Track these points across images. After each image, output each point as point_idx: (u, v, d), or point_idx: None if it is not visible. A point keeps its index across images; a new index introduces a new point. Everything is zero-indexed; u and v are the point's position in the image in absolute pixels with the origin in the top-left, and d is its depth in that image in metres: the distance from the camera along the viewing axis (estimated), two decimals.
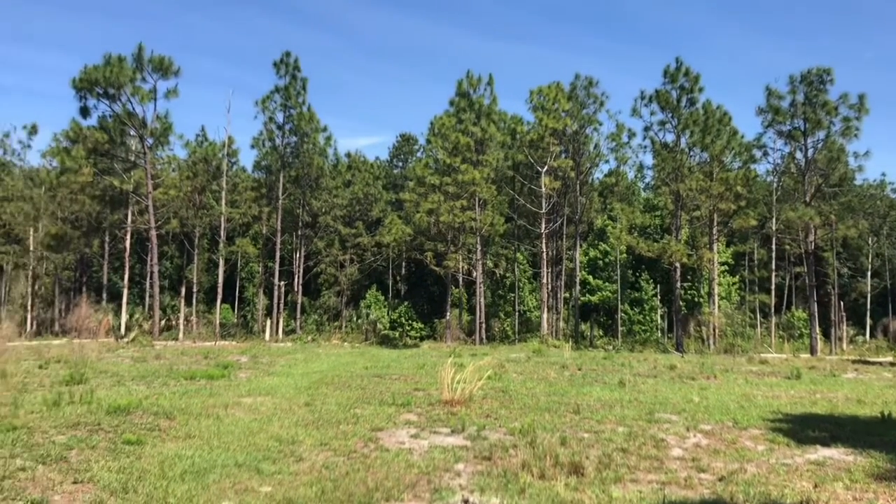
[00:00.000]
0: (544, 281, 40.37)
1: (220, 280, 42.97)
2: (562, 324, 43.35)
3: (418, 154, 63.24)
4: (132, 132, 36.58)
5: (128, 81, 33.39)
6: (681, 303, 38.51)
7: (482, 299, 40.10)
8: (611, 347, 35.83)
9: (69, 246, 43.24)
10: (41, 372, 16.29)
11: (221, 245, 43.63)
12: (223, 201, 43.43)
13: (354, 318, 47.99)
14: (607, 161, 44.61)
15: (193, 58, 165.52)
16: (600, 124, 41.90)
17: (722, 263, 46.02)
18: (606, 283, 45.46)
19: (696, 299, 44.84)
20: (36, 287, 46.35)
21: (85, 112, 34.82)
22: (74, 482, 7.12)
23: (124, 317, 39.02)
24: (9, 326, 33.94)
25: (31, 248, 45.00)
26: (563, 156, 41.42)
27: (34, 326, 43.07)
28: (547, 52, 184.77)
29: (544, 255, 40.29)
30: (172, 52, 55.06)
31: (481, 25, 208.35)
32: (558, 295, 44.57)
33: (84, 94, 33.98)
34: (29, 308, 45.05)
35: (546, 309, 40.11)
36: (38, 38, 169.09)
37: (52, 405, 11.24)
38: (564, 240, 44.31)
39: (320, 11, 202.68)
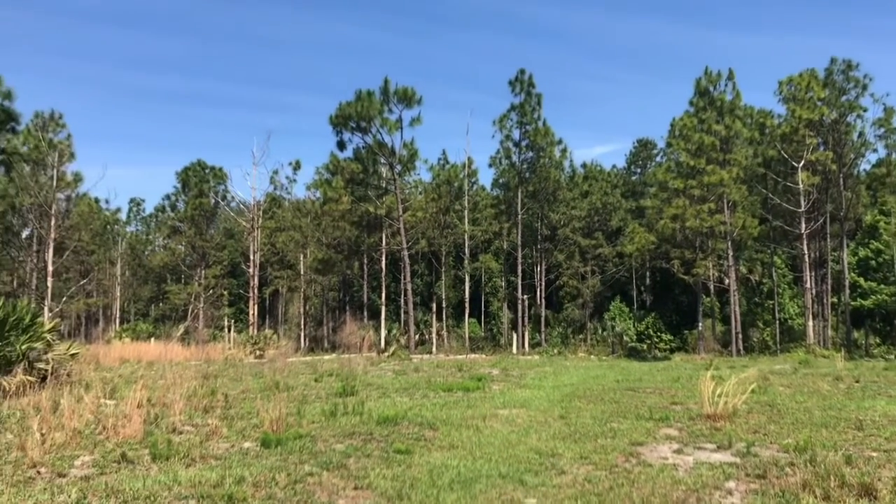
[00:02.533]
0: (807, 285, 37.06)
1: (467, 295, 44.60)
2: (830, 332, 39.49)
3: (657, 159, 61.36)
4: (382, 160, 39.25)
5: (377, 114, 35.86)
6: None
7: (737, 308, 37.71)
8: (892, 356, 31.98)
9: (333, 268, 47.37)
10: (317, 385, 17.83)
11: (466, 262, 45.30)
12: (466, 220, 45.12)
13: (599, 331, 47.37)
14: (875, 150, 39.99)
15: (433, 84, 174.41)
16: (864, 110, 37.72)
17: None
18: (882, 286, 40.67)
19: None
20: (307, 307, 51.26)
21: (341, 145, 37.96)
22: (355, 488, 7.66)
23: (383, 332, 41.77)
24: (287, 344, 37.73)
25: (302, 272, 49.88)
26: (822, 148, 37.93)
27: (307, 343, 47.60)
28: (793, 39, 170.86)
29: (806, 257, 36.98)
30: (413, 81, 58.62)
31: (716, 18, 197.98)
32: (824, 300, 40.67)
33: (340, 130, 37.03)
34: (302, 326, 49.90)
35: (811, 316, 36.78)
36: (297, 82, 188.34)
37: (329, 415, 12.24)
38: (828, 239, 40.41)
39: (551, 23, 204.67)
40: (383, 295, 44.94)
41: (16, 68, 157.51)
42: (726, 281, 38.06)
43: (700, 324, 39.69)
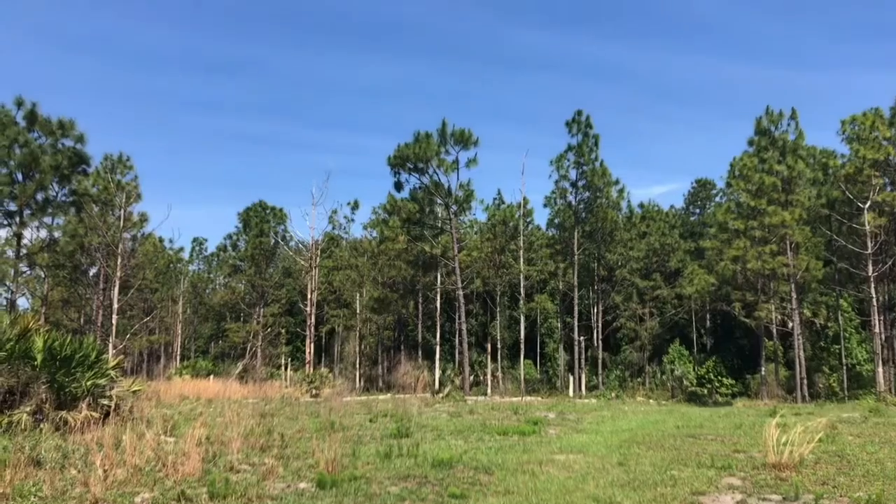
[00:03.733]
0: (876, 330, 35.68)
1: (522, 336, 44.23)
2: None
3: (717, 199, 60.51)
4: (438, 201, 39.55)
5: (434, 155, 36.32)
6: None
7: (801, 352, 36.51)
8: None
9: (389, 308, 47.62)
10: (371, 425, 17.81)
11: (521, 302, 45.04)
12: (521, 260, 44.97)
13: (658, 374, 46.35)
14: None
15: (488, 124, 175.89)
16: None
17: None
18: None
19: None
20: (362, 346, 51.50)
21: (399, 186, 38.53)
22: None
23: (438, 373, 41.64)
24: (342, 383, 37.87)
25: (358, 311, 50.23)
26: (888, 188, 36.86)
27: (362, 382, 47.72)
28: (858, 76, 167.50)
29: (874, 300, 35.67)
30: (469, 120, 59.36)
31: (777, 56, 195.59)
32: (894, 345, 39.07)
33: (398, 170, 37.63)
34: (357, 366, 50.08)
35: (881, 362, 35.33)
36: (356, 123, 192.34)
37: (383, 457, 12.20)
38: None
39: (609, 62, 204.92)
40: (438, 335, 44.91)
41: (88, 113, 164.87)
42: (790, 324, 36.95)
43: (763, 368, 38.54)
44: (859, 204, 35.56)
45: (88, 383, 14.15)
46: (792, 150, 37.12)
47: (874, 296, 35.70)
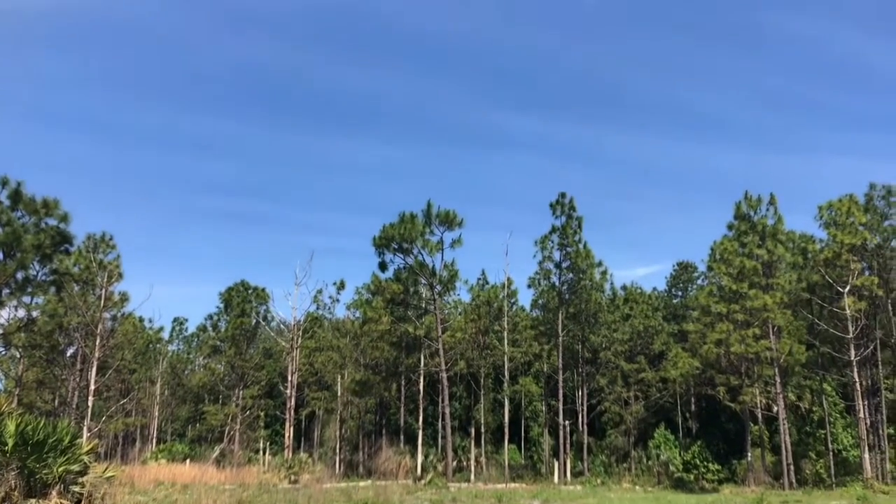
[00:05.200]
0: (861, 415, 35.50)
1: (506, 420, 43.67)
2: (889, 465, 37.44)
3: (699, 282, 60.95)
4: (423, 281, 39.49)
5: (419, 236, 36.50)
6: None
7: (787, 437, 36.18)
8: None
9: (371, 390, 46.90)
10: None
11: (506, 385, 44.62)
12: (505, 341, 44.81)
13: (644, 459, 45.62)
14: None
15: (471, 204, 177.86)
16: None
17: None
18: None
19: None
20: (343, 430, 50.50)
21: (383, 266, 38.44)
22: None
23: (420, 458, 40.77)
24: (322, 469, 36.92)
25: (339, 394, 49.48)
26: (867, 273, 37.36)
27: (342, 468, 46.56)
28: (833, 162, 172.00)
29: (857, 385, 35.64)
30: (452, 201, 60.04)
31: (753, 141, 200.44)
32: (879, 431, 38.83)
33: (382, 250, 37.65)
34: (338, 450, 48.99)
35: (867, 448, 35.04)
36: (341, 203, 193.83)
37: None
38: (880, 367, 39.03)
39: (590, 145, 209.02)
40: (420, 418, 44.19)
41: (71, 190, 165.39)
42: (774, 409, 36.75)
43: (749, 454, 38.12)
44: (839, 288, 35.95)
45: (60, 469, 13.70)
46: (771, 235, 37.68)
47: (857, 380, 35.68)
